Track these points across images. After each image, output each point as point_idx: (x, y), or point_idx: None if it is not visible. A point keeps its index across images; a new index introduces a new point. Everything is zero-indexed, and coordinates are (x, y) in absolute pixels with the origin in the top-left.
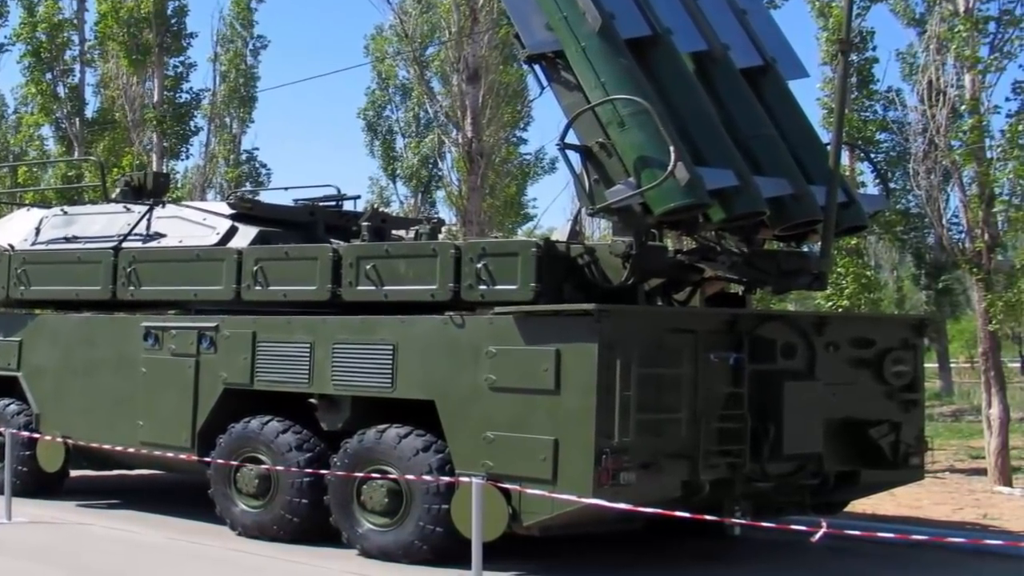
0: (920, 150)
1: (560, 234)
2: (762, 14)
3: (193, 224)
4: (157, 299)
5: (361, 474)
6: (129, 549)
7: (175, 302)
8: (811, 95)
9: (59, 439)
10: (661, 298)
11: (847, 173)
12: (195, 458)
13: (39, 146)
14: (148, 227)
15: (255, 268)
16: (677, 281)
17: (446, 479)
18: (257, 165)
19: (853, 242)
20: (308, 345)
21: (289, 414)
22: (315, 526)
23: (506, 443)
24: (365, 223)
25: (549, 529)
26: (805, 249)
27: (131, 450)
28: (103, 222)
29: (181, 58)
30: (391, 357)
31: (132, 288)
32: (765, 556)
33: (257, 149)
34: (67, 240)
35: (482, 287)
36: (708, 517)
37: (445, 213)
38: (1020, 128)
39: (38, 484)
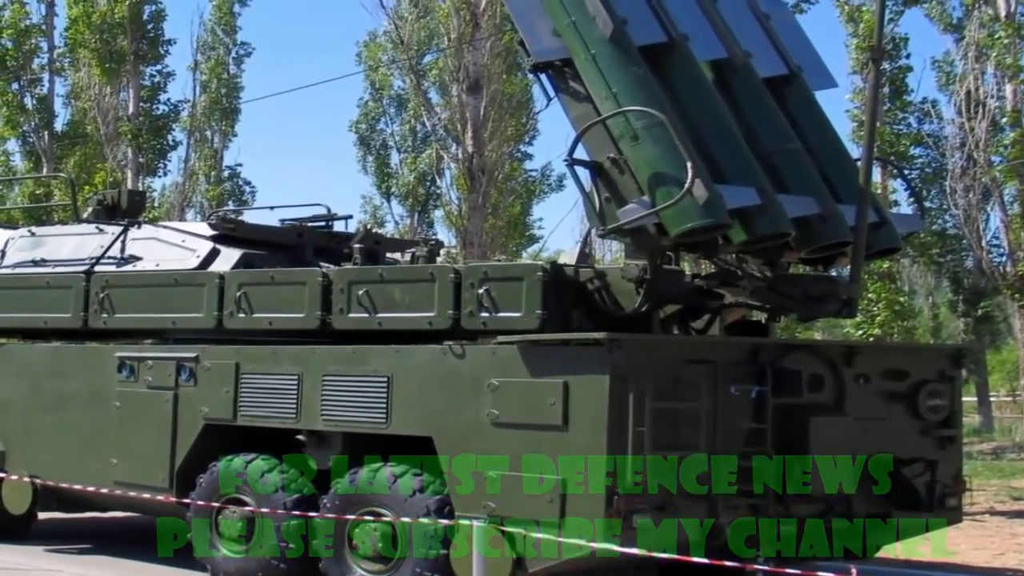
0: (958, 166)
1: (568, 257)
2: (787, 19)
3: (171, 246)
4: (132, 327)
5: (353, 516)
6: None
7: (152, 331)
8: (840, 107)
9: (26, 479)
10: (677, 326)
11: (879, 191)
12: (173, 499)
13: (5, 162)
14: (122, 249)
15: (238, 294)
16: (695, 308)
17: (445, 522)
18: (240, 182)
19: (885, 266)
20: (296, 377)
21: (275, 451)
22: (303, 573)
23: (510, 483)
24: (357, 245)
25: None
26: (833, 273)
27: (104, 490)
28: (74, 244)
29: (158, 67)
30: (385, 390)
31: (105, 315)
32: None
33: (240, 165)
34: (35, 263)
35: (484, 314)
36: (728, 563)
37: (444, 234)
38: None
39: (3, 527)
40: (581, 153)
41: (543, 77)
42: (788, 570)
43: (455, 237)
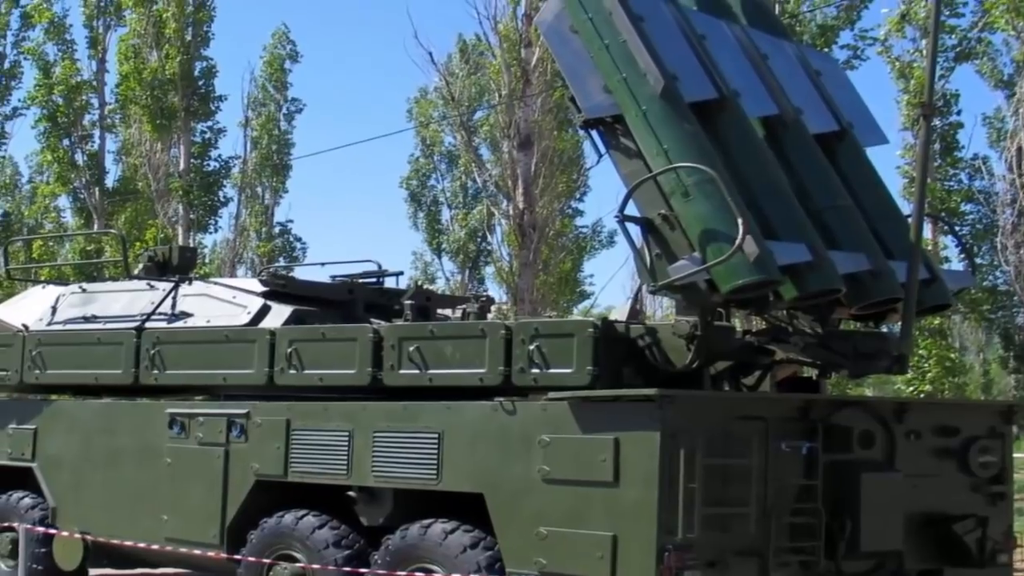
0: (1008, 222)
1: (619, 313)
2: (838, 76)
3: (222, 303)
4: (183, 384)
5: (404, 573)
6: None
7: (203, 387)
8: (891, 163)
9: (77, 535)
10: (728, 382)
11: (929, 247)
12: (224, 555)
13: (55, 218)
14: (173, 306)
15: (289, 350)
16: (746, 364)
17: None
18: (291, 239)
19: (936, 322)
20: (347, 433)
21: (326, 508)
22: None
23: (561, 539)
24: (408, 301)
25: None
26: (884, 330)
27: (155, 547)
28: (125, 300)
29: (209, 123)
30: (436, 446)
31: (156, 372)
32: None
33: (291, 221)
34: (86, 320)
35: (535, 371)
36: None
37: (495, 291)
38: None
39: None
40: (632, 209)
41: (594, 133)
42: None
43: (506, 293)
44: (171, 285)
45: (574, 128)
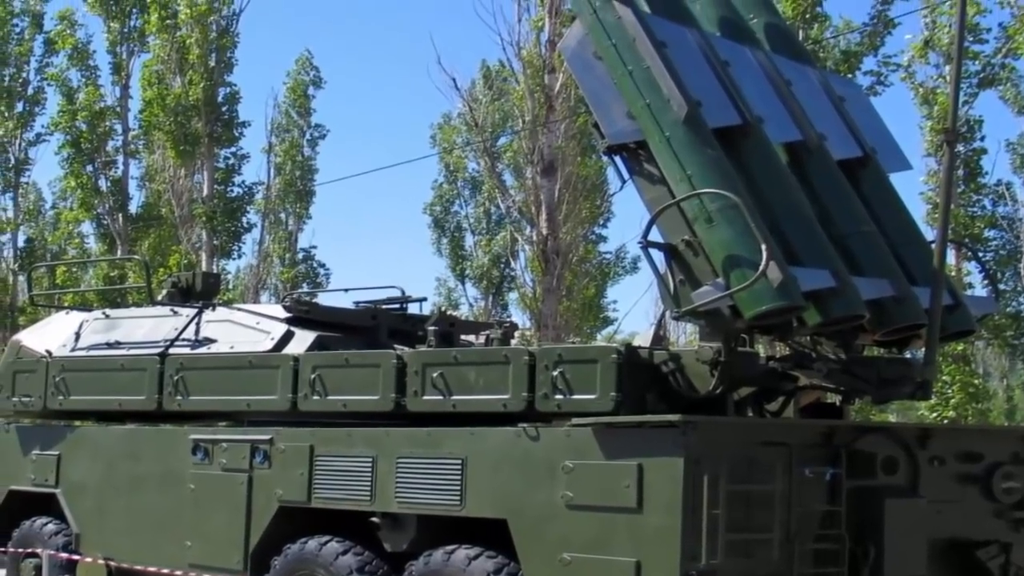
0: None
1: (643, 339)
2: (861, 101)
3: (246, 328)
4: (207, 410)
5: None
6: None
7: (226, 413)
8: (914, 189)
9: (100, 561)
10: (752, 408)
11: (953, 273)
12: None
13: (79, 244)
14: (197, 332)
15: (313, 376)
16: (769, 390)
17: None
18: (315, 265)
19: (960, 348)
20: (370, 459)
21: (350, 534)
22: None
23: (584, 565)
24: (432, 327)
25: None
26: (908, 355)
27: (178, 573)
28: (148, 326)
29: (233, 149)
30: (460, 472)
31: (179, 398)
32: None
33: (315, 247)
34: (109, 346)
35: (558, 397)
36: None
37: (518, 316)
38: None
39: None
40: (656, 235)
41: (617, 159)
42: None
43: (529, 319)
44: (194, 311)
45: (597, 154)
